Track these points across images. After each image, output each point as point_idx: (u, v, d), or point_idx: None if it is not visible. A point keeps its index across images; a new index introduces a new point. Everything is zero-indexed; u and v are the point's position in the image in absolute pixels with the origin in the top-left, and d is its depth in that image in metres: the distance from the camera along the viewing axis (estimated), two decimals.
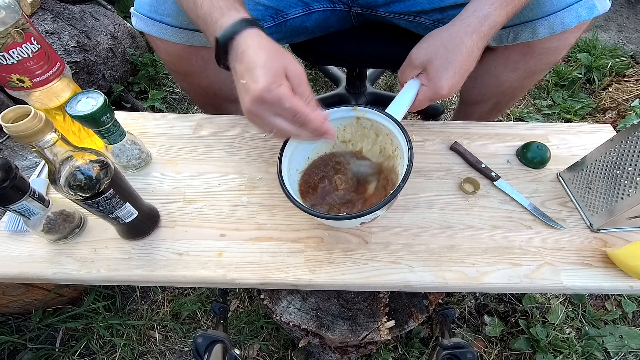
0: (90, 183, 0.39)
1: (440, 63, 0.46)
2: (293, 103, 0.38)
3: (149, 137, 0.63)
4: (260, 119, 0.39)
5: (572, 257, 0.49)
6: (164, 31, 0.60)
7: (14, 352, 0.78)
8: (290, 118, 0.39)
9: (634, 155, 0.46)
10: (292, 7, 0.65)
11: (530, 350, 0.80)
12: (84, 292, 0.86)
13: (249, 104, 0.38)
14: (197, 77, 0.69)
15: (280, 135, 0.41)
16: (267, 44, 0.40)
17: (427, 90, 0.48)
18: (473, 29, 0.46)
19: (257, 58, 0.38)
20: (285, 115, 0.39)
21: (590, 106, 1.31)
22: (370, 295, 0.61)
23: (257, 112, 0.38)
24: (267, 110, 0.38)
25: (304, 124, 0.39)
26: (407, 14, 0.64)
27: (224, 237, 0.51)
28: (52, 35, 1.01)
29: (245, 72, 0.39)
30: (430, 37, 0.48)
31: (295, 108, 0.38)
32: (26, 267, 0.48)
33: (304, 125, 0.39)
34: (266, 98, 0.37)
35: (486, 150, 0.62)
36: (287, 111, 0.38)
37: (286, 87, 0.38)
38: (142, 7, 0.60)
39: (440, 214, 0.54)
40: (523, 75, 0.66)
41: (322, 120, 0.40)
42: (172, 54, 0.64)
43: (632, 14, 1.78)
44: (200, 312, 0.85)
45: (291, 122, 0.39)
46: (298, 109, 0.38)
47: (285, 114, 0.38)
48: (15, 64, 0.45)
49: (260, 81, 0.37)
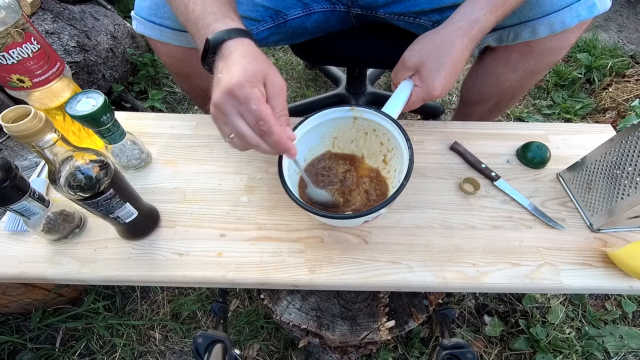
0: (90, 183, 0.39)
1: (432, 65, 0.47)
2: (261, 108, 0.36)
3: (149, 137, 0.63)
4: (223, 116, 0.38)
5: (572, 257, 0.49)
6: (164, 34, 0.60)
7: (14, 352, 0.78)
8: (253, 123, 0.37)
9: (634, 155, 0.46)
10: (292, 8, 0.65)
11: (530, 350, 0.80)
12: (84, 292, 0.86)
13: (217, 97, 0.37)
14: (198, 78, 0.69)
15: (238, 141, 0.39)
16: (255, 51, 0.40)
17: (421, 91, 0.50)
18: (463, 32, 0.47)
19: (240, 59, 0.38)
20: (248, 119, 0.37)
21: (590, 106, 1.31)
22: (370, 295, 0.61)
23: (222, 107, 0.37)
24: (233, 107, 0.37)
25: (266, 134, 0.37)
26: (406, 15, 0.64)
27: (224, 237, 0.51)
28: (52, 35, 1.01)
29: (223, 68, 0.38)
30: (422, 39, 0.50)
31: (261, 114, 0.36)
32: (26, 267, 0.48)
33: (265, 135, 0.37)
34: (236, 93, 0.36)
35: (486, 150, 0.62)
36: (252, 114, 0.36)
37: (259, 92, 0.37)
38: (142, 11, 0.60)
39: (440, 214, 0.54)
40: (523, 75, 0.66)
41: (285, 136, 0.38)
42: (173, 57, 0.64)
43: (632, 14, 1.78)
44: (200, 312, 0.85)
45: (253, 128, 0.37)
46: (264, 116, 0.36)
47: (249, 117, 0.37)
48: (15, 64, 0.45)
49: (235, 77, 0.36)
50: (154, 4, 0.59)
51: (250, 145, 0.39)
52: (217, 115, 0.38)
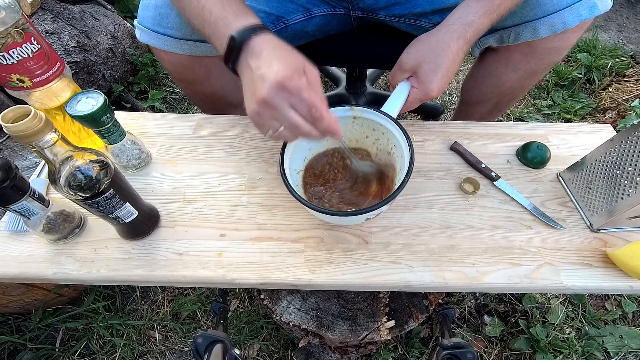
0: (90, 183, 0.39)
1: (429, 67, 0.48)
2: (312, 96, 0.37)
3: (149, 137, 0.63)
4: (272, 110, 0.37)
5: (572, 257, 0.49)
6: (168, 43, 0.61)
7: (14, 352, 0.78)
8: (305, 111, 0.37)
9: (634, 155, 0.46)
10: (292, 13, 0.65)
11: (530, 350, 0.80)
12: (84, 292, 0.86)
13: (266, 92, 0.36)
14: (201, 84, 0.69)
15: (288, 132, 0.39)
16: (285, 45, 0.40)
17: (418, 92, 0.50)
18: (458, 34, 0.48)
19: (276, 53, 0.38)
20: (300, 108, 0.37)
21: (590, 106, 1.31)
22: (370, 295, 0.61)
23: (273, 101, 0.37)
24: (284, 99, 0.37)
25: (317, 120, 0.38)
26: (407, 17, 0.64)
27: (224, 237, 0.51)
28: (52, 35, 1.01)
29: (262, 64, 0.38)
30: (419, 42, 0.50)
31: (313, 102, 0.37)
32: (26, 267, 0.48)
33: (317, 121, 0.38)
34: (287, 85, 0.36)
35: (486, 150, 0.62)
36: (305, 103, 0.37)
37: (306, 81, 0.38)
38: (145, 21, 0.60)
39: (440, 214, 0.54)
40: (524, 76, 0.66)
41: (334, 119, 0.40)
42: (176, 64, 0.65)
43: (632, 14, 1.78)
44: (200, 312, 0.85)
45: (305, 116, 0.38)
46: (316, 104, 0.37)
47: (301, 107, 0.37)
48: (15, 64, 0.45)
49: (282, 70, 0.36)
50: (157, 14, 0.59)
51: (302, 134, 0.39)
52: (264, 111, 0.38)
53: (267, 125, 0.40)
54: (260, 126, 0.40)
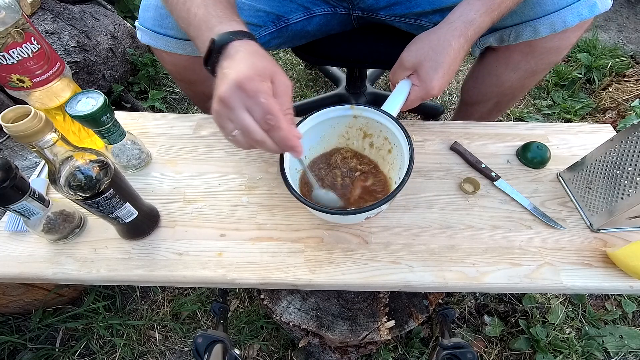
0: (90, 183, 0.39)
1: (430, 65, 0.48)
2: (270, 101, 0.35)
3: (149, 137, 0.63)
4: (228, 110, 0.36)
5: (572, 257, 0.49)
6: (169, 44, 0.61)
7: (14, 352, 0.78)
8: (260, 117, 0.35)
9: (634, 155, 0.46)
10: (293, 12, 0.65)
11: (530, 350, 0.80)
12: (84, 292, 0.86)
13: (224, 90, 0.35)
14: (202, 85, 0.70)
15: (242, 137, 0.37)
16: (262, 52, 0.40)
17: (419, 91, 0.50)
18: (460, 32, 0.48)
19: (247, 56, 0.38)
20: (256, 113, 0.35)
21: (590, 106, 1.31)
22: (370, 295, 0.61)
23: (229, 100, 0.35)
24: (240, 100, 0.35)
25: (273, 129, 0.36)
26: (407, 17, 0.64)
27: (224, 237, 0.51)
28: (52, 35, 1.01)
29: (230, 64, 0.37)
30: (419, 40, 0.50)
31: (270, 108, 0.35)
32: (26, 267, 0.48)
33: (272, 130, 0.36)
34: (245, 85, 0.34)
35: (486, 150, 0.62)
36: (261, 107, 0.35)
37: (268, 86, 0.36)
38: (146, 22, 0.61)
39: (440, 214, 0.54)
40: (524, 75, 0.66)
41: (293, 132, 0.37)
42: (177, 65, 0.65)
43: (632, 14, 1.78)
44: (200, 312, 0.85)
45: (260, 122, 0.36)
46: (273, 110, 0.35)
47: (256, 111, 0.35)
48: (15, 64, 0.45)
49: (244, 71, 0.35)
50: (158, 15, 0.59)
51: (254, 142, 0.37)
52: (221, 110, 0.37)
53: (224, 127, 0.38)
54: (219, 127, 0.39)
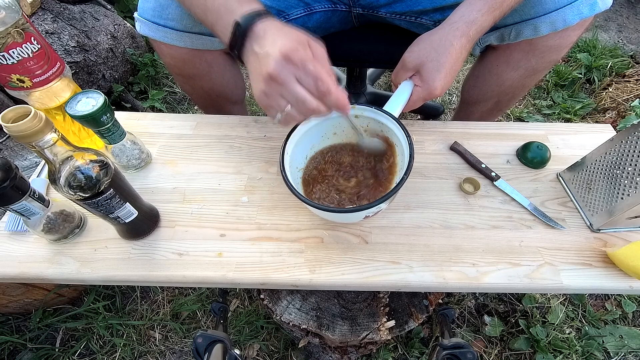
0: (90, 183, 0.39)
1: (432, 65, 0.48)
2: (317, 68, 0.36)
3: (149, 137, 0.63)
4: (279, 87, 0.37)
5: (572, 257, 0.49)
6: (169, 35, 0.60)
7: (14, 352, 0.78)
8: (312, 85, 0.36)
9: (634, 155, 0.46)
10: (293, 8, 0.65)
11: (530, 350, 0.80)
12: (84, 292, 0.86)
13: (273, 66, 0.36)
14: (201, 79, 0.69)
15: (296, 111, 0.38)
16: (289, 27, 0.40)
17: (421, 91, 0.50)
18: (461, 32, 0.48)
19: (280, 32, 0.38)
20: (307, 82, 0.36)
21: (590, 106, 1.31)
22: (370, 295, 0.61)
23: (280, 76, 0.36)
24: (290, 73, 0.36)
25: (325, 94, 0.37)
26: (408, 14, 0.64)
27: (224, 237, 0.51)
28: (52, 35, 1.01)
29: (266, 43, 0.37)
30: (421, 40, 0.50)
31: (319, 74, 0.36)
32: (26, 267, 0.48)
33: (325, 95, 0.37)
34: (292, 57, 0.35)
35: (486, 150, 0.62)
36: (310, 76, 0.36)
37: (311, 53, 0.37)
38: (145, 12, 0.60)
39: (440, 214, 0.54)
40: (524, 74, 0.66)
41: (343, 93, 0.39)
42: (176, 58, 0.64)
43: (632, 14, 1.78)
44: (200, 312, 0.85)
45: (312, 90, 0.37)
46: (322, 76, 0.36)
47: (307, 80, 0.36)
48: (15, 64, 0.45)
49: (286, 44, 0.36)
50: (158, 5, 0.59)
51: (310, 111, 0.38)
52: (270, 89, 0.37)
53: (274, 106, 0.39)
54: (269, 107, 0.39)
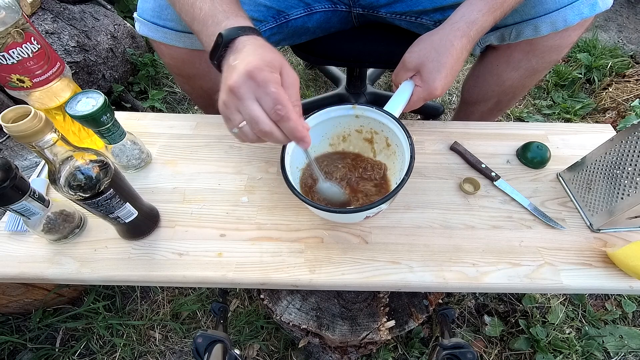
0: (90, 183, 0.39)
1: (433, 65, 0.48)
2: (280, 91, 0.35)
3: (149, 137, 0.63)
4: (236, 101, 0.36)
5: (572, 257, 0.49)
6: (168, 36, 0.60)
7: (14, 352, 0.78)
8: (270, 107, 0.35)
9: (634, 155, 0.46)
10: (293, 8, 0.65)
11: (530, 350, 0.80)
12: (84, 292, 0.86)
13: (234, 80, 0.35)
14: (200, 79, 0.69)
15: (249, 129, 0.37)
16: (268, 46, 0.40)
17: (422, 91, 0.50)
18: (462, 32, 0.48)
19: (256, 49, 0.38)
20: (265, 103, 0.35)
21: (590, 106, 1.31)
22: (370, 295, 0.61)
23: (239, 90, 0.35)
24: (249, 90, 0.35)
25: (282, 119, 0.36)
26: (408, 14, 0.64)
27: (224, 237, 0.51)
28: (52, 35, 1.01)
29: (238, 57, 0.37)
30: (422, 41, 0.50)
31: (280, 97, 0.35)
32: (26, 267, 0.48)
33: (281, 121, 0.36)
34: (255, 75, 0.34)
35: (486, 150, 0.62)
36: (270, 97, 0.35)
37: (277, 77, 0.36)
38: (145, 13, 0.60)
39: (440, 214, 0.54)
40: (525, 74, 0.66)
41: (302, 123, 0.38)
42: (176, 58, 0.65)
43: (632, 14, 1.78)
44: (200, 312, 0.85)
45: (269, 112, 0.36)
46: (282, 100, 0.35)
47: (266, 101, 0.35)
48: (15, 64, 0.45)
49: (253, 62, 0.35)
50: (157, 5, 0.59)
51: (263, 133, 0.37)
52: (230, 100, 0.37)
53: (231, 119, 0.38)
54: (226, 119, 0.39)
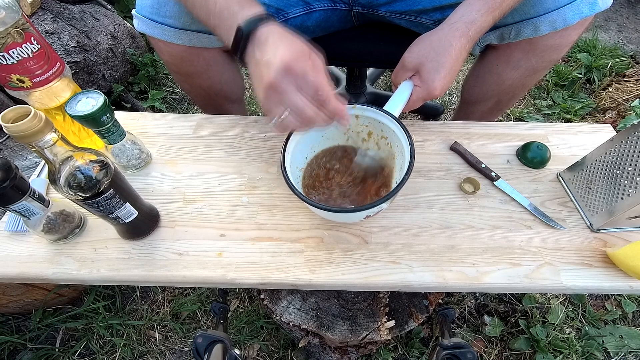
0: (90, 183, 0.39)
1: (432, 66, 0.48)
2: (318, 78, 0.37)
3: (149, 137, 0.63)
4: (278, 95, 0.38)
5: (572, 257, 0.49)
6: (166, 33, 0.60)
7: (14, 352, 0.78)
8: (312, 94, 0.38)
9: (634, 155, 0.46)
10: (292, 7, 0.65)
11: (530, 350, 0.80)
12: (84, 292, 0.86)
13: (273, 76, 0.37)
14: (199, 78, 0.69)
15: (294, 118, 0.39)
16: (290, 33, 0.41)
17: (421, 91, 0.50)
18: (461, 33, 0.48)
19: (282, 40, 0.39)
20: (307, 91, 0.38)
21: (590, 106, 1.31)
22: (370, 295, 0.61)
23: (280, 85, 0.37)
24: (290, 82, 0.37)
25: (324, 103, 0.38)
26: (408, 14, 0.64)
27: (224, 237, 0.51)
28: (52, 35, 1.01)
29: (268, 50, 0.38)
30: (421, 41, 0.50)
31: (319, 84, 0.37)
32: (26, 267, 0.48)
33: (323, 104, 0.38)
34: (293, 67, 0.36)
35: (486, 150, 0.62)
36: (310, 86, 0.37)
37: (311, 65, 0.38)
38: (143, 9, 0.60)
39: (440, 214, 0.54)
40: (525, 73, 0.66)
41: (342, 103, 0.40)
42: (174, 56, 0.64)
43: (632, 14, 1.78)
44: (200, 312, 0.85)
45: (312, 99, 0.38)
46: (322, 86, 0.37)
47: (307, 89, 0.37)
48: (15, 64, 0.45)
49: (287, 54, 0.37)
50: (155, 2, 0.58)
51: (307, 119, 0.39)
52: (271, 96, 0.38)
53: (272, 110, 0.39)
54: (268, 112, 0.40)
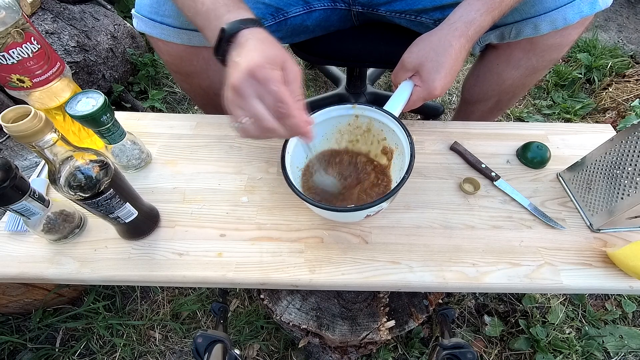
0: (90, 183, 0.39)
1: (432, 65, 0.48)
2: (281, 89, 0.35)
3: (149, 137, 0.63)
4: (239, 98, 0.37)
5: (572, 257, 0.49)
6: (165, 32, 0.60)
7: (14, 352, 0.78)
8: (272, 104, 0.36)
9: (634, 155, 0.46)
10: (292, 6, 0.65)
11: (530, 350, 0.80)
12: (84, 292, 0.86)
13: (236, 78, 0.36)
14: (198, 77, 0.69)
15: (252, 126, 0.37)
16: (272, 39, 0.40)
17: (421, 91, 0.51)
18: (460, 32, 0.48)
19: (258, 44, 0.38)
20: (267, 100, 0.36)
21: (590, 106, 1.31)
22: (370, 295, 0.61)
23: (240, 88, 0.36)
24: (251, 88, 0.36)
25: (284, 116, 0.36)
26: (407, 13, 0.64)
27: (224, 237, 0.51)
28: (52, 35, 1.01)
29: (241, 52, 0.38)
30: (421, 41, 0.51)
31: (281, 95, 0.35)
32: (26, 267, 0.48)
33: (283, 118, 0.36)
34: (256, 73, 0.35)
35: (486, 150, 0.62)
36: (272, 95, 0.35)
37: (279, 75, 0.37)
38: (142, 9, 0.60)
39: (440, 214, 0.54)
40: (525, 73, 0.66)
41: (304, 118, 0.38)
42: (173, 55, 0.64)
43: (632, 14, 1.78)
44: (200, 312, 0.85)
45: (271, 110, 0.36)
46: (284, 98, 0.35)
47: (268, 99, 0.36)
48: (15, 64, 0.45)
49: (255, 59, 0.36)
50: (155, 1, 0.59)
51: (265, 130, 0.37)
52: (233, 98, 0.37)
53: (234, 113, 0.38)
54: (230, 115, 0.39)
